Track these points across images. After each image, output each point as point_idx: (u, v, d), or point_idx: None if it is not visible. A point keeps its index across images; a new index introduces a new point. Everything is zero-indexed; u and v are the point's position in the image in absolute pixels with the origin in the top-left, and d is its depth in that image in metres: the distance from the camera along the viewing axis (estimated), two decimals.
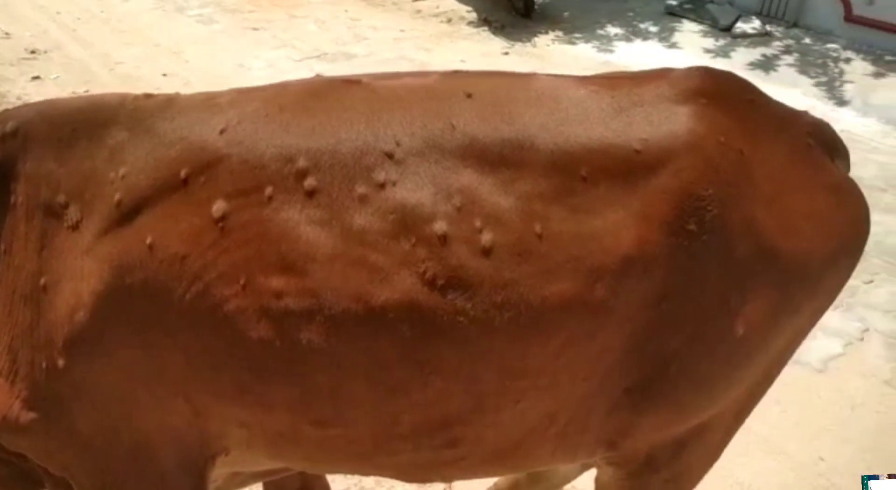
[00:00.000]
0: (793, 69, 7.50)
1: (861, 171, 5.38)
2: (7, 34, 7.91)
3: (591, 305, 1.42)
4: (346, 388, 1.47)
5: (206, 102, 1.54)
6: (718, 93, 1.57)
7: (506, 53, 7.96)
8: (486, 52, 7.92)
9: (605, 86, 1.57)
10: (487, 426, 1.53)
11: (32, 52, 7.50)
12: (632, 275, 1.43)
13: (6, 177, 1.54)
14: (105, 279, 1.45)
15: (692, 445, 1.70)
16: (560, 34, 8.46)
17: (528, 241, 1.40)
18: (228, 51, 7.83)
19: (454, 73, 1.67)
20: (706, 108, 1.52)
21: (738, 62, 7.55)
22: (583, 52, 8.02)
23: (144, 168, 1.47)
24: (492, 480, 2.54)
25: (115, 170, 1.48)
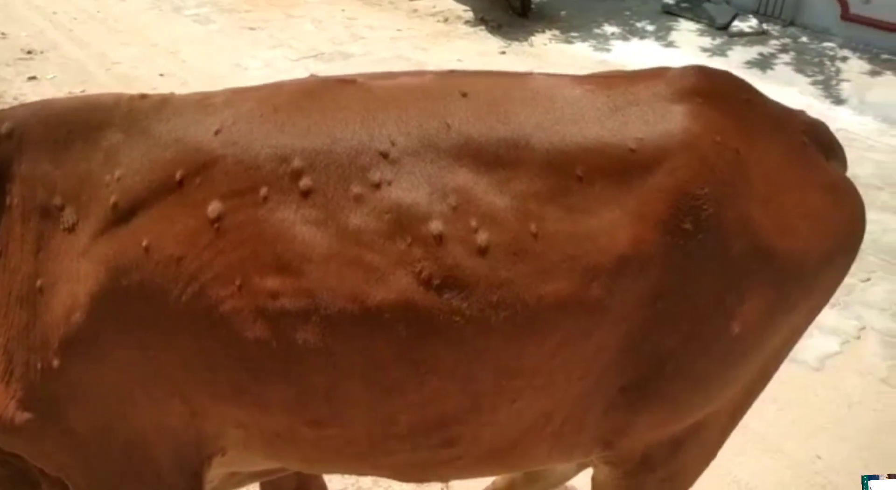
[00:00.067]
0: (789, 68, 7.50)
1: (857, 170, 5.40)
2: (3, 34, 7.89)
3: (587, 304, 1.42)
4: (343, 388, 1.46)
5: (201, 103, 1.54)
6: (714, 92, 1.57)
7: (503, 53, 7.95)
8: (483, 52, 7.91)
9: (601, 85, 1.56)
10: (484, 425, 1.53)
11: (29, 53, 7.48)
12: (627, 274, 1.43)
13: (1, 178, 1.54)
14: (101, 281, 1.45)
15: (688, 444, 1.70)
16: (557, 33, 8.45)
17: (524, 241, 1.40)
18: (225, 50, 7.81)
19: (449, 73, 1.67)
20: (702, 107, 1.52)
21: (735, 61, 7.55)
22: (580, 52, 8.02)
23: (140, 170, 1.47)
24: (489, 480, 2.55)
25: (111, 172, 1.48)
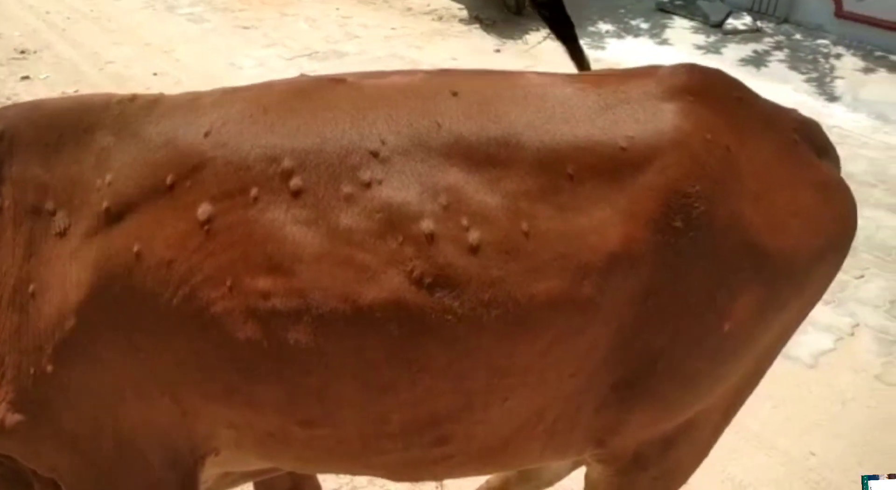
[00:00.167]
0: (784, 65, 7.51)
1: (851, 167, 5.41)
2: None
3: (579, 303, 1.42)
4: (334, 388, 1.46)
5: (191, 104, 1.53)
6: (705, 90, 1.57)
7: (497, 51, 7.95)
8: (478, 50, 7.91)
9: (592, 83, 1.56)
10: (476, 424, 1.53)
11: (22, 52, 7.46)
12: (618, 272, 1.43)
13: None
14: (93, 286, 1.45)
15: (680, 442, 1.70)
16: (551, 32, 8.45)
17: (515, 240, 1.40)
18: (219, 49, 7.80)
19: (440, 72, 1.66)
20: (693, 106, 1.52)
21: (730, 58, 7.56)
22: None
23: (131, 174, 1.47)
24: (483, 479, 2.55)
25: (102, 176, 1.48)
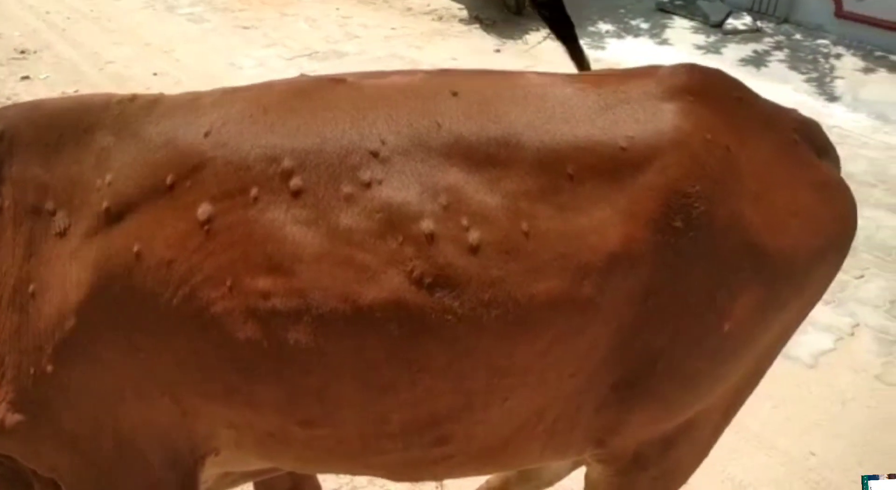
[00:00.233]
0: (784, 65, 7.51)
1: (851, 167, 5.41)
2: None
3: (579, 303, 1.42)
4: (334, 388, 1.46)
5: (191, 104, 1.53)
6: (705, 90, 1.57)
7: (497, 51, 7.95)
8: (478, 50, 7.91)
9: (592, 83, 1.56)
10: (476, 424, 1.53)
11: (22, 52, 7.46)
12: (618, 272, 1.43)
13: None
14: (93, 286, 1.45)
15: (680, 442, 1.70)
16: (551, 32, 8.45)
17: (515, 240, 1.40)
18: (219, 50, 7.80)
19: (440, 72, 1.66)
20: (693, 106, 1.52)
21: (730, 58, 7.56)
22: None
23: (131, 174, 1.47)
24: (483, 479, 2.55)
25: (102, 176, 1.48)
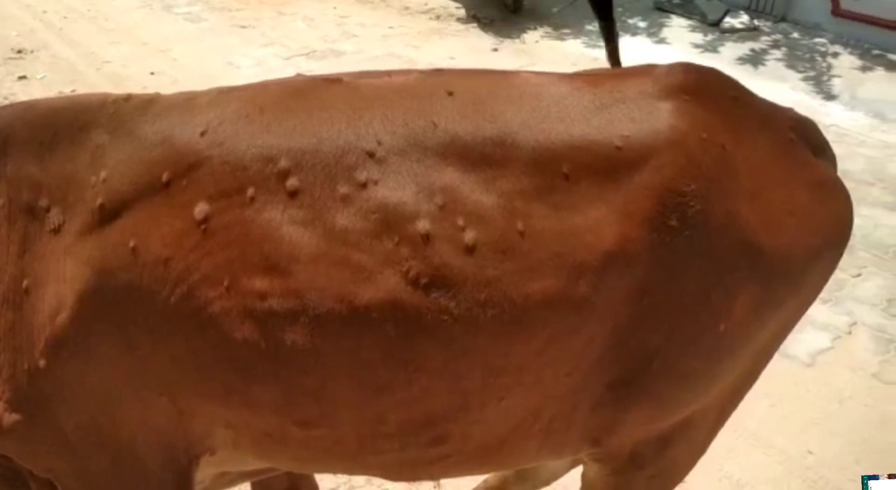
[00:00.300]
0: (781, 64, 7.51)
1: (849, 165, 5.42)
2: None
3: (574, 302, 1.42)
4: (331, 388, 1.46)
5: (187, 103, 1.53)
6: (701, 89, 1.57)
7: (495, 50, 7.95)
8: (475, 49, 7.91)
9: (588, 83, 1.56)
10: (472, 423, 1.53)
11: (19, 52, 7.45)
12: (614, 271, 1.43)
13: None
14: (88, 283, 1.44)
15: (677, 441, 1.70)
16: (549, 30, 8.45)
17: (511, 239, 1.40)
18: (216, 49, 7.79)
19: (436, 71, 1.66)
20: (688, 105, 1.52)
21: (727, 57, 7.56)
22: (572, 48, 8.02)
23: (126, 171, 1.46)
24: (480, 478, 2.55)
25: (97, 173, 1.48)
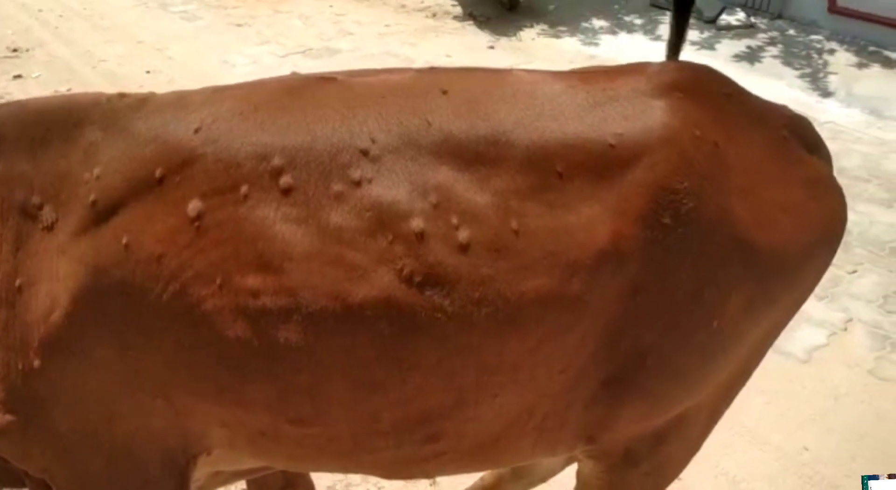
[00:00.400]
0: (777, 61, 7.51)
1: (845, 162, 5.42)
2: None
3: (568, 300, 1.43)
4: (325, 386, 1.46)
5: (181, 101, 1.53)
6: (694, 87, 1.57)
7: (491, 47, 7.95)
8: (472, 47, 7.90)
9: (581, 81, 1.57)
10: (467, 421, 1.53)
11: (14, 51, 7.44)
12: (607, 269, 1.43)
13: None
14: (81, 280, 1.44)
15: (671, 438, 1.71)
16: (545, 28, 8.45)
17: (505, 238, 1.40)
18: (212, 47, 7.78)
19: (430, 70, 1.66)
20: (681, 102, 1.52)
21: (723, 54, 7.57)
22: (568, 46, 8.02)
23: (119, 168, 1.46)
24: (476, 476, 2.55)
25: (90, 170, 1.47)
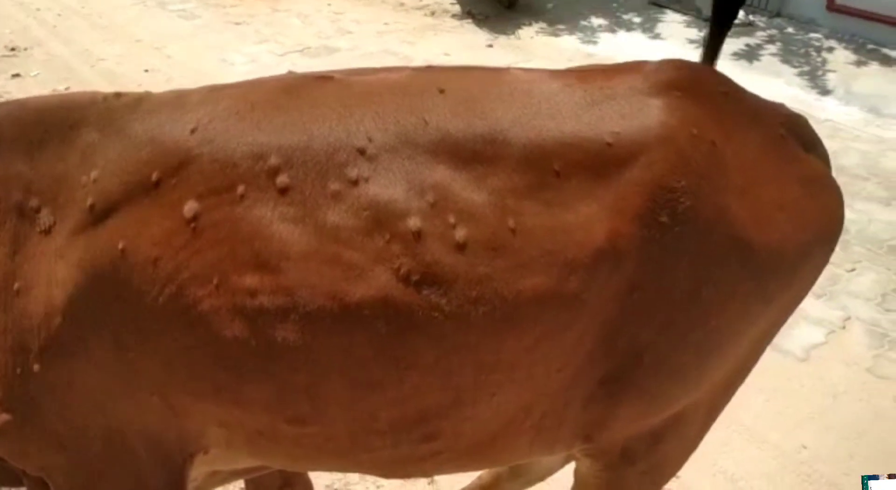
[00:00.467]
0: (776, 59, 7.52)
1: (843, 160, 5.42)
2: None
3: (565, 299, 1.43)
4: (323, 386, 1.46)
5: (177, 101, 1.52)
6: (691, 85, 1.57)
7: (490, 46, 7.95)
8: (470, 45, 7.91)
9: (578, 79, 1.56)
10: (464, 420, 1.53)
11: (12, 50, 7.43)
12: (604, 267, 1.43)
13: None
14: (79, 284, 1.44)
15: (668, 437, 1.71)
16: (544, 26, 8.45)
17: (502, 236, 1.40)
18: (211, 46, 7.78)
19: (427, 69, 1.66)
20: (679, 101, 1.52)
21: (722, 52, 7.52)
22: (567, 44, 8.02)
23: (116, 171, 1.46)
24: (474, 475, 2.55)
25: (87, 173, 1.47)
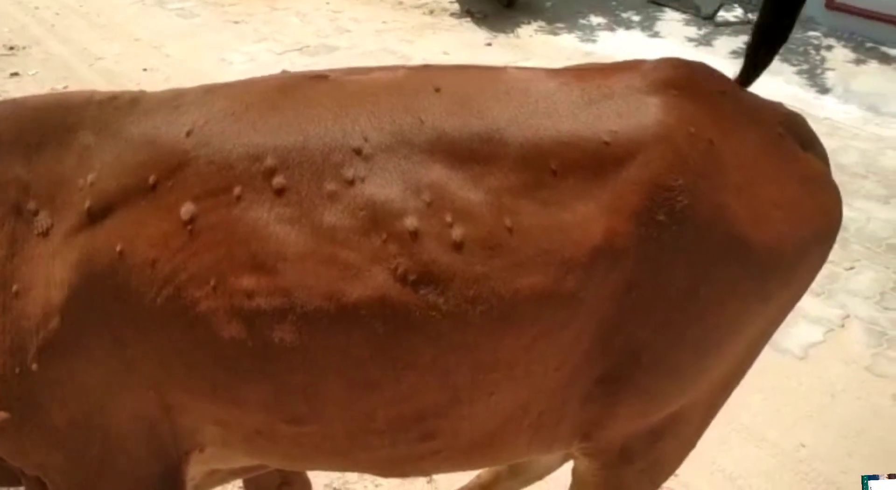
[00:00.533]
0: (775, 57, 7.51)
1: (842, 158, 5.42)
2: None
3: (562, 297, 1.43)
4: (320, 386, 1.46)
5: (172, 102, 1.52)
6: (689, 84, 1.57)
7: (488, 44, 7.94)
8: (469, 44, 7.89)
9: (576, 78, 1.56)
10: (462, 419, 1.54)
11: (11, 48, 7.43)
12: (601, 266, 1.43)
13: None
14: (76, 286, 1.44)
15: (666, 435, 1.71)
16: (543, 24, 8.44)
17: (499, 235, 1.40)
18: (209, 45, 7.77)
19: (423, 68, 1.66)
20: (676, 100, 1.52)
21: (721, 51, 7.56)
22: (565, 43, 8.01)
23: (113, 174, 1.46)
24: (473, 473, 2.55)
25: (84, 176, 1.47)
